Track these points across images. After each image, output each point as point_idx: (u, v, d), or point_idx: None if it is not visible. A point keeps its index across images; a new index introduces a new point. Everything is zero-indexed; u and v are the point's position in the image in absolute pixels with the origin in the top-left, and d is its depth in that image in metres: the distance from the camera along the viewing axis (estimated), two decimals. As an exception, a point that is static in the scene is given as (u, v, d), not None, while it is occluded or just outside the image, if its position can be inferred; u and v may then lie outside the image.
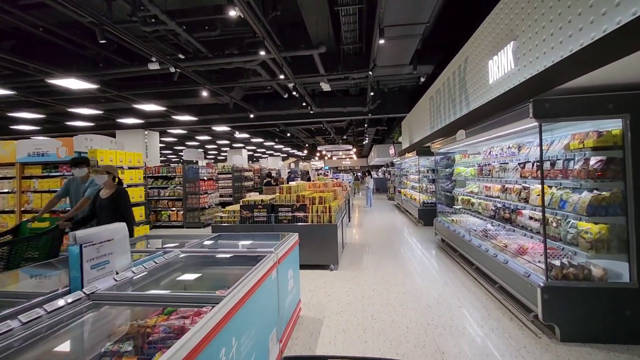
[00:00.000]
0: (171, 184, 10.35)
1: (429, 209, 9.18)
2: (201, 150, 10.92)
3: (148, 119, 12.88)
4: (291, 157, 41.82)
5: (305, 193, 5.63)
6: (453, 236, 5.82)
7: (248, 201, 5.52)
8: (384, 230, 8.80)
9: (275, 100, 12.33)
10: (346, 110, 12.48)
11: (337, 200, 6.30)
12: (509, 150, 4.54)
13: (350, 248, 6.76)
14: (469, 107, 5.71)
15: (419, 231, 8.45)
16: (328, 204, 5.35)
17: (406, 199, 12.02)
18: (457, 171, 6.77)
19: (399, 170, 15.11)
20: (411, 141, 12.04)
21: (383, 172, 27.57)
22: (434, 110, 8.46)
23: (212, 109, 12.49)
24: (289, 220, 5.31)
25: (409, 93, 12.15)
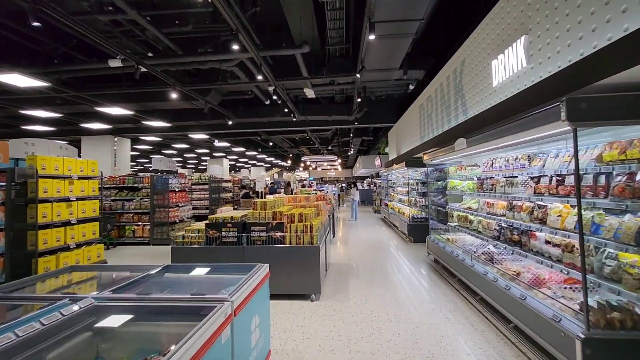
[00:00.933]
0: (137, 196, 9.36)
1: (419, 224, 8.56)
2: (174, 159, 9.96)
3: (117, 124, 11.86)
4: (275, 168, 40.94)
5: (283, 209, 4.87)
6: (449, 258, 5.17)
7: (215, 219, 4.71)
8: (372, 247, 8.10)
9: (256, 107, 11.61)
10: (331, 118, 11.88)
11: (320, 216, 5.56)
12: (516, 162, 3.95)
13: (334, 269, 6.00)
14: (467, 115, 5.15)
15: (409, 249, 7.79)
16: (309, 222, 4.61)
17: (393, 212, 11.41)
18: (452, 184, 6.19)
19: (385, 182, 14.57)
20: (399, 152, 11.52)
21: (368, 184, 27.08)
22: (424, 119, 7.93)
23: (188, 114, 11.62)
24: (264, 242, 4.53)
25: (396, 102, 11.69)
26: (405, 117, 10.32)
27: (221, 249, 4.56)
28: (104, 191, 9.52)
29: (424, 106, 7.95)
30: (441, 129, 6.58)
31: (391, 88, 10.27)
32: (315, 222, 4.62)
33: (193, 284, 2.60)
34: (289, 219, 4.64)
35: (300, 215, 4.68)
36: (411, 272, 5.84)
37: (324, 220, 5.70)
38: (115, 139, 13.19)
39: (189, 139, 16.19)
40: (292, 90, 10.26)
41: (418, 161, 8.58)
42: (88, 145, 13.08)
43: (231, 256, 4.53)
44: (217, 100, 10.03)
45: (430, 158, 6.37)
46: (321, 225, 5.26)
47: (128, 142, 13.97)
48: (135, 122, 11.53)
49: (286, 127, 12.54)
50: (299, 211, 4.86)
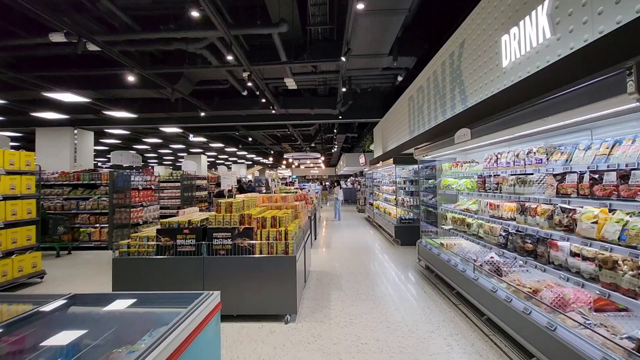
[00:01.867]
0: (95, 194, 8.31)
1: (407, 225, 7.96)
2: (136, 153, 8.96)
3: (75, 114, 10.67)
4: (257, 165, 39.82)
5: (253, 212, 4.08)
6: (445, 267, 4.54)
7: (169, 223, 3.87)
8: (356, 251, 7.42)
9: (232, 99, 10.71)
10: (314, 112, 11.14)
11: (299, 219, 4.81)
12: (530, 156, 3.33)
13: (315, 279, 5.27)
14: (466, 103, 4.52)
15: (397, 254, 7.15)
16: (284, 228, 3.85)
17: (379, 212, 10.79)
18: (445, 183, 5.57)
19: (370, 180, 13.97)
20: (385, 149, 10.91)
21: (352, 182, 26.53)
22: (414, 112, 7.31)
23: (157, 105, 10.58)
24: (228, 251, 3.73)
25: (383, 95, 11.07)
26: (392, 111, 9.71)
27: (176, 261, 3.73)
28: (54, 189, 8.41)
29: (414, 98, 7.33)
30: (434, 122, 5.96)
31: (378, 79, 9.63)
32: (292, 228, 3.86)
33: (104, 325, 1.80)
34: (260, 223, 3.86)
35: (274, 219, 3.91)
36: (401, 281, 5.18)
37: (303, 224, 4.95)
38: (75, 131, 11.96)
39: (161, 133, 15.05)
40: (272, 80, 9.45)
41: (407, 158, 7.96)
42: (43, 138, 11.79)
43: (188, 270, 3.72)
44: (189, 89, 9.08)
45: (421, 154, 5.73)
46: (299, 230, 4.50)
47: (91, 135, 12.75)
48: (96, 113, 10.38)
49: (266, 121, 11.70)
50: (273, 214, 4.09)
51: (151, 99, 10.47)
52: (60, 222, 7.86)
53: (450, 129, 4.55)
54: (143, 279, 3.74)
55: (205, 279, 3.71)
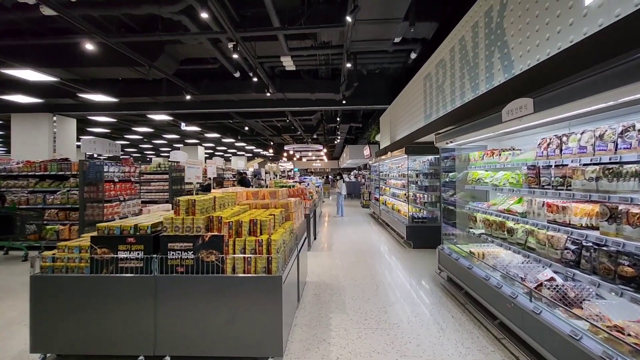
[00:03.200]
0: (64, 187, 7.30)
1: (421, 226, 6.89)
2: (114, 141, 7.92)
3: (50, 98, 9.63)
4: (258, 158, 38.79)
5: (226, 213, 3.01)
6: (481, 286, 3.48)
7: (110, 228, 2.82)
8: (362, 256, 6.37)
9: (223, 81, 9.61)
10: (315, 97, 10.02)
11: (291, 221, 3.76)
12: (627, 137, 2.24)
13: (311, 294, 4.24)
14: (512, 70, 3.41)
15: (409, 259, 6.10)
16: (266, 236, 2.80)
17: (387, 209, 9.73)
18: (474, 176, 4.49)
19: (376, 173, 12.88)
20: (393, 138, 9.81)
21: (355, 176, 25.46)
22: (432, 93, 6.19)
23: (139, 88, 9.51)
24: (189, 268, 2.69)
25: (392, 79, 9.91)
26: (403, 95, 8.57)
27: (116, 282, 2.70)
28: (19, 180, 7.41)
29: (432, 76, 6.20)
30: (460, 101, 4.85)
31: (387, 59, 8.48)
32: (277, 236, 2.81)
33: None
34: (234, 229, 2.80)
35: (253, 223, 2.85)
36: (420, 299, 4.13)
37: (296, 227, 3.89)
38: (54, 118, 10.94)
39: (151, 121, 14.01)
40: (267, 59, 8.34)
41: (421, 147, 6.87)
42: (19, 125, 10.79)
43: (133, 293, 2.69)
44: (172, 68, 7.99)
45: (444, 140, 4.63)
46: (290, 237, 3.45)
47: (73, 122, 11.72)
48: (73, 96, 9.33)
49: (261, 107, 10.60)
50: (253, 216, 3.04)
51: (133, 81, 9.39)
52: (28, 219, 6.89)
53: (488, 105, 3.46)
54: (72, 308, 2.71)
55: (157, 306, 2.68)
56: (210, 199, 3.03)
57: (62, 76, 7.91)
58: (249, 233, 2.85)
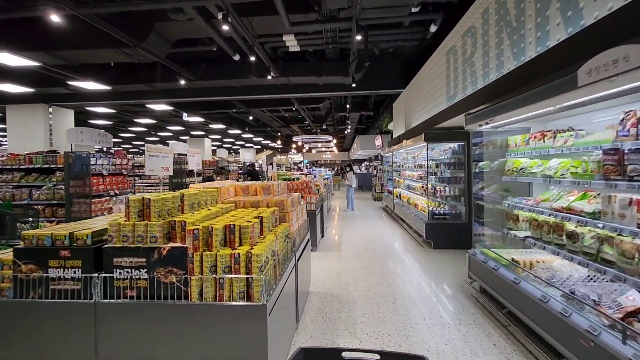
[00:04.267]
0: (50, 181, 6.73)
1: (442, 223, 6.05)
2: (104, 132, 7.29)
3: (41, 87, 9.08)
4: (266, 150, 38.17)
5: (195, 217, 2.26)
6: (533, 308, 2.65)
7: (38, 237, 2.11)
8: (375, 258, 5.60)
9: (222, 65, 8.85)
10: (322, 81, 9.17)
11: (287, 223, 3.00)
12: None
13: (315, 310, 3.51)
14: (581, 21, 2.52)
15: (431, 262, 5.29)
16: (246, 248, 2.05)
17: (401, 203, 8.89)
18: (515, 165, 3.63)
19: (388, 164, 12.01)
20: (408, 125, 8.91)
21: (366, 167, 24.56)
22: (457, 69, 5.28)
23: (134, 74, 8.85)
24: (142, 292, 1.97)
25: (407, 59, 8.97)
26: (420, 76, 7.65)
27: (45, 309, 2.01)
28: (3, 174, 6.88)
29: (457, 49, 5.29)
30: (495, 73, 3.95)
31: (402, 35, 7.53)
32: (261, 248, 2.04)
33: None
34: (201, 239, 2.05)
35: (229, 230, 2.11)
36: (451, 319, 3.34)
37: (293, 231, 3.13)
38: (50, 109, 10.43)
39: (152, 112, 13.41)
40: (267, 38, 7.51)
41: (444, 133, 6.01)
42: (14, 116, 10.33)
43: (67, 326, 1.99)
44: (164, 50, 7.26)
45: (478, 121, 3.77)
46: (284, 245, 2.70)
47: (70, 113, 11.21)
48: (64, 85, 8.75)
49: (264, 94, 9.80)
50: (230, 220, 2.28)
51: (126, 67, 8.72)
52: (20, 217, 6.35)
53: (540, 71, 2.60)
54: (-11, 342, 2.03)
55: (98, 343, 1.98)
56: (174, 197, 2.29)
57: (48, 61, 7.28)
58: (223, 243, 2.11)
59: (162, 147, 3.25)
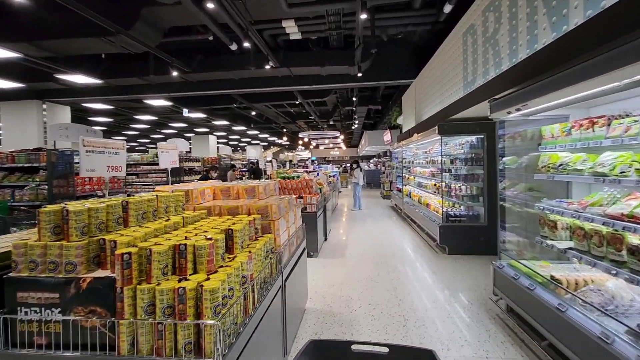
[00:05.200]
0: (33, 181, 6.32)
1: (458, 225, 5.41)
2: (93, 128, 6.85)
3: (32, 82, 8.70)
4: (273, 147, 37.71)
5: (136, 234, 1.69)
6: (591, 348, 2.03)
7: None
8: (383, 266, 5.00)
9: (219, 56, 8.32)
10: (325, 72, 8.56)
11: (269, 235, 2.43)
12: None
13: (310, 335, 2.94)
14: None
15: (447, 271, 4.67)
16: (199, 277, 1.47)
17: (412, 202, 8.25)
18: (553, 160, 2.99)
19: (398, 160, 11.34)
20: (419, 118, 8.23)
21: (375, 164, 23.86)
22: (476, 51, 4.61)
23: (126, 67, 8.38)
24: (52, 341, 1.43)
25: (417, 47, 8.28)
26: (433, 63, 6.96)
27: None
28: (-10, 174, 6.51)
29: (476, 28, 4.61)
30: (526, 51, 3.29)
31: (413, 18, 6.83)
32: (216, 281, 1.46)
33: None
34: (135, 266, 1.49)
35: (179, 251, 1.54)
36: (475, 350, 2.72)
37: (280, 244, 2.55)
38: (44, 105, 10.07)
39: (151, 108, 13.00)
40: (266, 25, 6.92)
41: (461, 125, 5.35)
42: (8, 113, 10.00)
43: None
44: (154, 39, 6.74)
45: (507, 108, 3.12)
46: (265, 263, 2.12)
47: (66, 110, 10.84)
48: (55, 80, 8.34)
49: (265, 87, 9.24)
50: (179, 239, 1.71)
51: (117, 59, 8.26)
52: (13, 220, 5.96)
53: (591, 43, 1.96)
54: None
55: (-3, 409, 1.44)
56: (112, 206, 1.73)
57: (32, 53, 6.85)
58: (172, 270, 1.54)
59: (108, 142, 2.68)
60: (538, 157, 3.23)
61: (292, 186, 5.37)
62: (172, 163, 4.24)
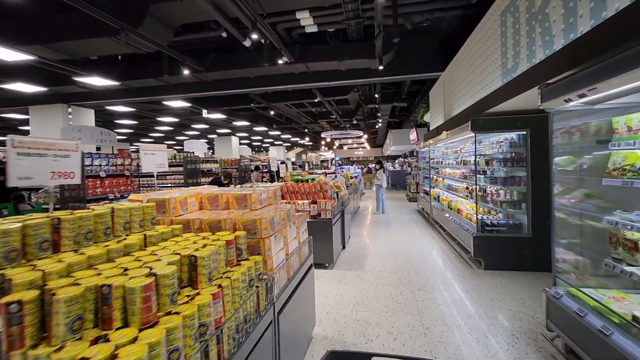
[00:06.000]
0: (48, 185, 6.25)
1: (495, 236, 4.67)
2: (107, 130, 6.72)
3: (55, 86, 8.82)
4: (297, 147, 37.53)
5: (60, 265, 1.25)
6: None
7: None
8: (407, 284, 4.38)
9: (233, 54, 8.01)
10: (344, 66, 8.03)
11: (258, 257, 1.94)
12: None
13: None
14: None
15: (484, 293, 3.98)
16: (129, 334, 0.99)
17: (441, 207, 7.51)
18: (632, 161, 2.28)
19: (425, 161, 10.55)
20: (449, 114, 7.48)
21: (401, 164, 22.91)
22: (519, 31, 3.90)
23: (140, 67, 8.27)
24: None
25: (445, 36, 7.55)
26: (464, 53, 6.23)
27: None
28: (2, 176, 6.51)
29: (517, 4, 3.90)
30: (592, 20, 2.59)
31: (440, 2, 6.14)
32: (136, 351, 0.99)
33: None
34: (28, 320, 1.04)
35: (102, 296, 1.07)
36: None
37: (273, 268, 2.05)
38: (69, 109, 10.26)
39: (171, 109, 13.02)
40: (279, 18, 6.49)
41: (497, 120, 4.65)
42: (36, 117, 10.30)
43: None
44: (165, 38, 6.50)
45: (567, 94, 2.44)
46: (246, 301, 1.63)
47: (90, 113, 11.02)
48: (73, 83, 8.39)
49: (282, 85, 8.84)
50: (100, 278, 1.25)
51: (133, 60, 8.18)
52: None
53: None
54: None
55: None
56: (25, 226, 1.30)
57: (49, 56, 6.84)
58: (95, 322, 1.08)
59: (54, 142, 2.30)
60: (607, 157, 2.53)
61: (304, 190, 4.88)
62: (159, 167, 3.86)
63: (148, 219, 1.90)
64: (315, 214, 4.84)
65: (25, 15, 6.04)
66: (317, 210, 4.82)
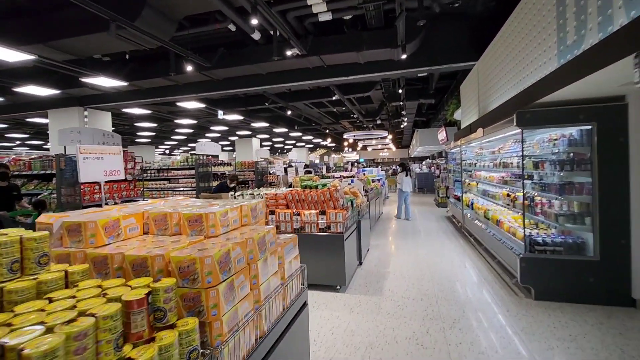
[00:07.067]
0: (47, 189, 5.96)
1: (550, 258, 3.70)
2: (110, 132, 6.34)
3: (67, 88, 8.69)
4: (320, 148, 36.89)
5: None
6: None
7: None
8: (436, 319, 3.54)
9: (242, 49, 7.45)
10: (363, 58, 7.23)
11: (192, 324, 1.22)
12: None
13: None
14: None
15: (537, 332, 3.06)
16: None
17: (475, 216, 6.52)
18: None
19: (455, 162, 9.49)
20: (484, 109, 6.48)
21: (428, 166, 21.61)
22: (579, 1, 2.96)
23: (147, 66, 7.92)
24: None
25: (478, 21, 6.57)
26: (504, 35, 5.25)
27: None
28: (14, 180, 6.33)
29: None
30: None
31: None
32: None
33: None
34: None
35: None
36: None
37: (233, 335, 1.34)
38: (85, 112, 10.19)
39: (186, 111, 12.76)
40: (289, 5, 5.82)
41: (552, 112, 3.69)
42: (54, 120, 10.32)
43: None
44: (167, 32, 6.02)
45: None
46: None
47: (107, 116, 10.94)
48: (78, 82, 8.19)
49: (296, 82, 8.18)
50: None
51: (141, 60, 7.85)
52: None
53: None
54: None
55: None
56: None
57: (52, 56, 6.59)
58: None
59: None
60: None
61: (311, 198, 4.15)
62: (108, 174, 3.23)
63: (32, 258, 1.24)
64: (325, 227, 4.10)
65: (24, 15, 5.80)
66: (326, 223, 4.07)
